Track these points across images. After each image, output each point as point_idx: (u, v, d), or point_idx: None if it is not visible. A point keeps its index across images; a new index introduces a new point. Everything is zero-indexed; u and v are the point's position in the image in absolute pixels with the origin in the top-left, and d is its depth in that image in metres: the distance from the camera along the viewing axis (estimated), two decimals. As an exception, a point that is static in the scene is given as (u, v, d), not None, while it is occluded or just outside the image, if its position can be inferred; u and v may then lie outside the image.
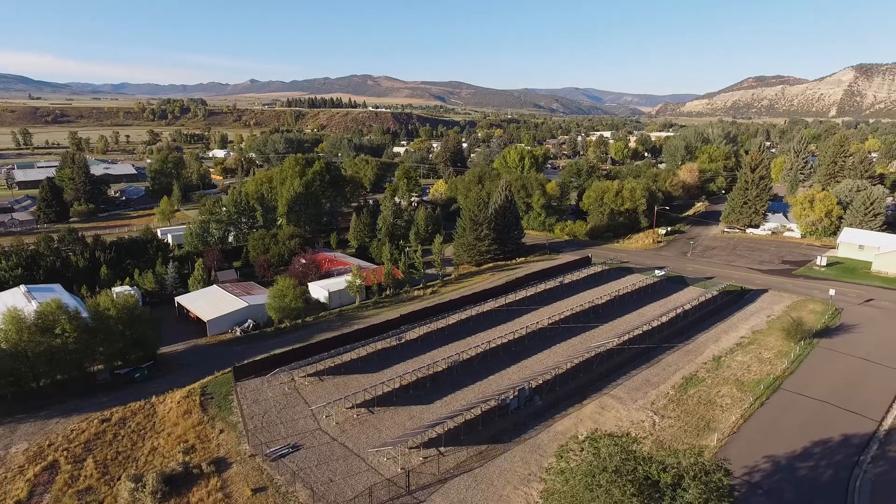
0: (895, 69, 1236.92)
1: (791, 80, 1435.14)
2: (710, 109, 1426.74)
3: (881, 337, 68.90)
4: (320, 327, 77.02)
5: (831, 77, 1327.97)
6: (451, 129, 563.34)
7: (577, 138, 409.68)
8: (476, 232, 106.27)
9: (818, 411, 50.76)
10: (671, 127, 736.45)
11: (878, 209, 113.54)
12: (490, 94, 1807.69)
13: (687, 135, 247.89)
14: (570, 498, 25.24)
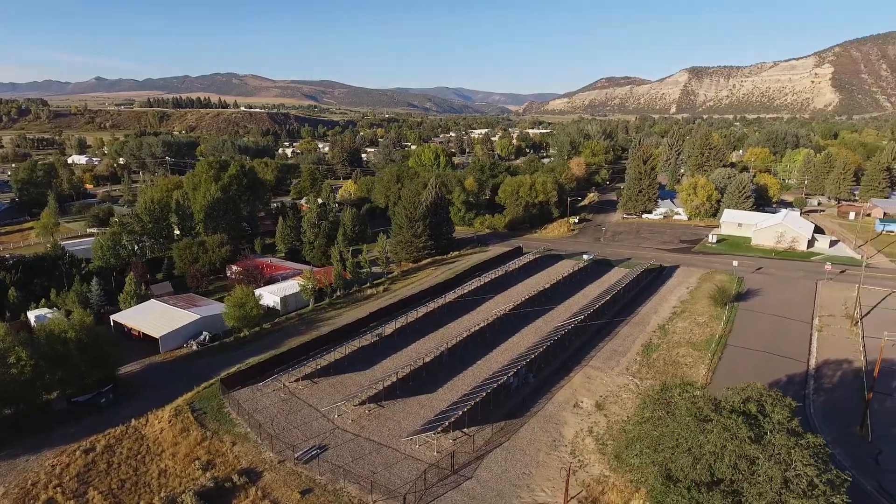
0: (719, 72, 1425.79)
1: (637, 81, 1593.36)
2: (570, 107, 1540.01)
3: (780, 297, 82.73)
4: (286, 332, 75.37)
5: (670, 78, 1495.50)
6: (333, 129, 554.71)
7: (463, 137, 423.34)
8: (413, 229, 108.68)
9: (762, 359, 60.82)
10: (540, 124, 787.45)
11: (748, 192, 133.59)
12: (364, 94, 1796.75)
13: (571, 131, 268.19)
14: (675, 436, 29.58)
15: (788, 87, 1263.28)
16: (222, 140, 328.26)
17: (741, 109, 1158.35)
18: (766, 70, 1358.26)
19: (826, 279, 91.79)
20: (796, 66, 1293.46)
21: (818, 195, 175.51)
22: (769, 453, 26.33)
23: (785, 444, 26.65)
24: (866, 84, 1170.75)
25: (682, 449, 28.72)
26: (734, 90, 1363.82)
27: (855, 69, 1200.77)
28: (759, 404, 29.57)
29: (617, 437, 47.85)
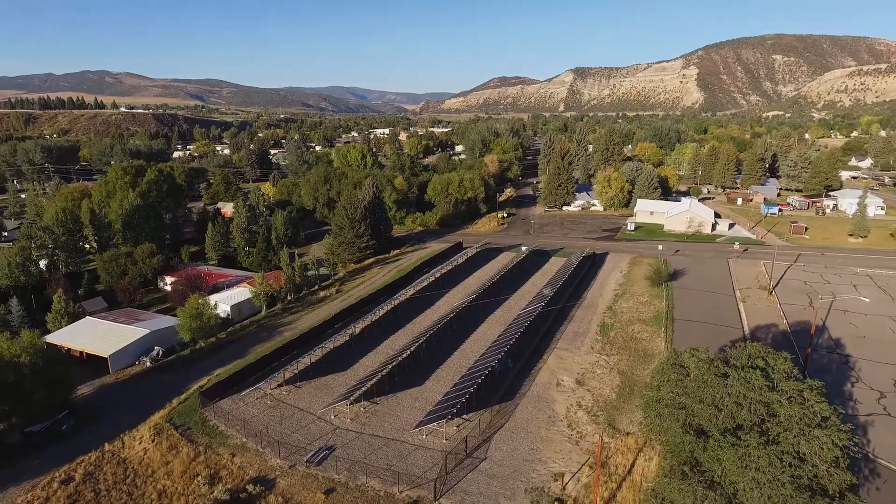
0: (601, 73, 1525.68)
1: (528, 81, 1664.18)
2: (465, 106, 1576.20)
3: (702, 275, 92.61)
4: (248, 341, 72.91)
5: (557, 78, 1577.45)
6: (228, 131, 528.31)
7: (370, 136, 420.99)
8: (354, 229, 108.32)
9: (707, 329, 68.47)
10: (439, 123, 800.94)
11: (655, 184, 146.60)
12: (255, 93, 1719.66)
13: (481, 129, 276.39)
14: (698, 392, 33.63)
15: (661, 87, 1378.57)
16: (108, 144, 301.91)
17: (621, 107, 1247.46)
18: (641, 71, 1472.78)
19: (735, 257, 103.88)
20: (667, 67, 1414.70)
21: (706, 184, 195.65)
22: (786, 396, 31.24)
23: (797, 387, 31.71)
24: (725, 84, 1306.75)
25: (707, 402, 33.02)
26: (615, 89, 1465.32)
27: (715, 71, 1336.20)
28: (763, 360, 34.64)
29: (605, 408, 52.34)
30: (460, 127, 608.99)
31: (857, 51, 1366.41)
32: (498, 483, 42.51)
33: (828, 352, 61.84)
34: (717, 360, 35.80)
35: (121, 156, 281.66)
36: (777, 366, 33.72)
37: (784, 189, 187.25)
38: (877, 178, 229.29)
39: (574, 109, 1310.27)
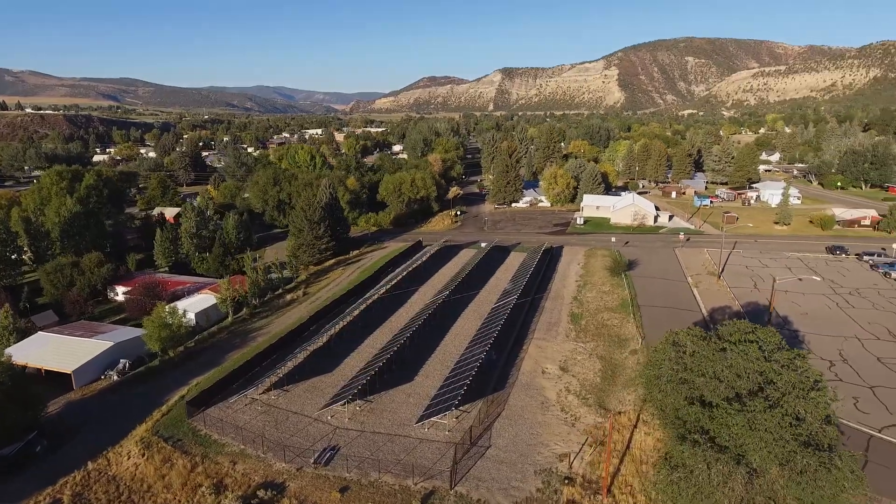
0: (528, 73, 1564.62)
1: (457, 81, 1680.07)
2: (396, 106, 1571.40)
3: (654, 263, 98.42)
4: (221, 348, 70.93)
5: (486, 78, 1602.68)
6: (150, 132, 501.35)
7: (306, 136, 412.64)
8: (314, 231, 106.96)
9: (670, 313, 73.23)
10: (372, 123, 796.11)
11: (599, 179, 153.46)
12: (174, 93, 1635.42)
13: (422, 129, 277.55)
14: (698, 366, 36.63)
15: (585, 87, 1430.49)
16: (20, 148, 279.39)
17: (548, 106, 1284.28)
18: (565, 71, 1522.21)
19: (680, 246, 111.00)
20: (589, 68, 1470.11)
21: (640, 179, 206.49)
22: (779, 365, 34.79)
23: (788, 357, 35.37)
24: (644, 84, 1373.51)
25: (709, 375, 36.12)
26: (541, 89, 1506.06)
27: (634, 71, 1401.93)
28: (754, 334, 38.22)
29: (593, 391, 55.25)
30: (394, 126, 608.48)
31: (760, 53, 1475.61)
32: (507, 468, 44.18)
33: (778, 328, 67.79)
34: (712, 337, 39.17)
35: (35, 160, 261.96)
36: (767, 339, 37.40)
37: (710, 182, 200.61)
38: (786, 171, 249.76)
39: (503, 109, 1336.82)
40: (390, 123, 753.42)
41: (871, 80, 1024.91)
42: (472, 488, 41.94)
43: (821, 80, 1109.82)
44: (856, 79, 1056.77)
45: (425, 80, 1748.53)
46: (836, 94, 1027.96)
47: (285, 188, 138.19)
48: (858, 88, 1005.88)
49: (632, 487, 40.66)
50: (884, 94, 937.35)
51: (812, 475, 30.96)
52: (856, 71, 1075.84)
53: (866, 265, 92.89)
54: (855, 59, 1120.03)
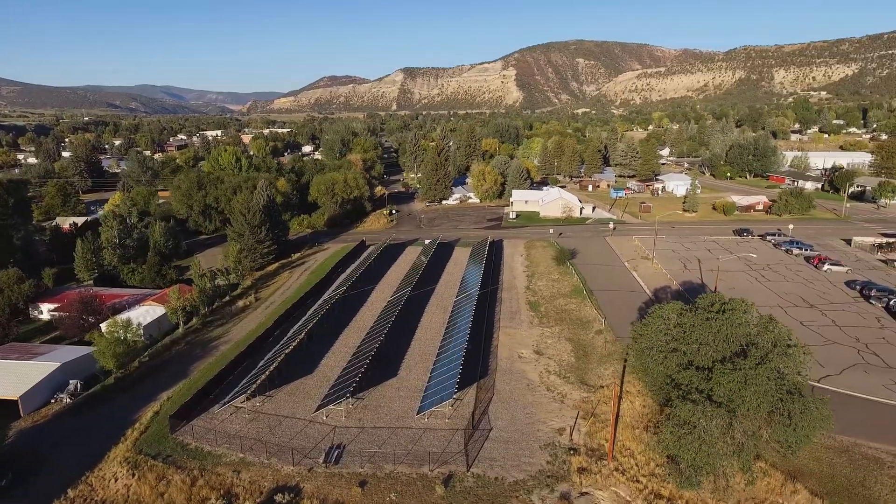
0: (429, 73, 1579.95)
1: (358, 80, 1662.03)
2: (297, 106, 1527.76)
3: (591, 251, 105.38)
4: (183, 360, 67.53)
5: (388, 78, 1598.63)
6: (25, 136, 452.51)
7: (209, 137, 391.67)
8: (255, 235, 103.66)
9: (620, 295, 79.40)
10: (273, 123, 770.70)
11: (524, 175, 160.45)
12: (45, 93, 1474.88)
13: (339, 129, 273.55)
14: (686, 336, 41.06)
15: (485, 87, 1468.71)
16: None
17: (451, 106, 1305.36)
18: (465, 72, 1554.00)
19: (608, 235, 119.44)
20: (488, 68, 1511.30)
21: (555, 174, 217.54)
22: (759, 329, 40.10)
23: (762, 321, 40.74)
24: (540, 84, 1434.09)
25: (700, 342, 40.78)
26: (443, 89, 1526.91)
27: (530, 72, 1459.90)
28: (728, 304, 43.41)
29: (572, 370, 59.22)
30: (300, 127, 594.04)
31: (642, 56, 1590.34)
32: (514, 446, 46.75)
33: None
34: (694, 309, 44.09)
35: None
36: (737, 307, 42.77)
37: (619, 176, 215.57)
38: (678, 164, 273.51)
39: (407, 108, 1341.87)
40: (294, 124, 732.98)
41: (737, 81, 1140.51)
42: (486, 468, 44.07)
43: (695, 80, 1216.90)
44: (724, 80, 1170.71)
45: (326, 80, 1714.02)
46: (708, 93, 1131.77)
47: (211, 192, 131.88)
48: (727, 88, 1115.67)
49: (631, 450, 44.74)
50: (748, 94, 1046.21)
51: (795, 419, 36.31)
52: (724, 73, 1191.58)
53: (770, 244, 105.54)
54: (723, 62, 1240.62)
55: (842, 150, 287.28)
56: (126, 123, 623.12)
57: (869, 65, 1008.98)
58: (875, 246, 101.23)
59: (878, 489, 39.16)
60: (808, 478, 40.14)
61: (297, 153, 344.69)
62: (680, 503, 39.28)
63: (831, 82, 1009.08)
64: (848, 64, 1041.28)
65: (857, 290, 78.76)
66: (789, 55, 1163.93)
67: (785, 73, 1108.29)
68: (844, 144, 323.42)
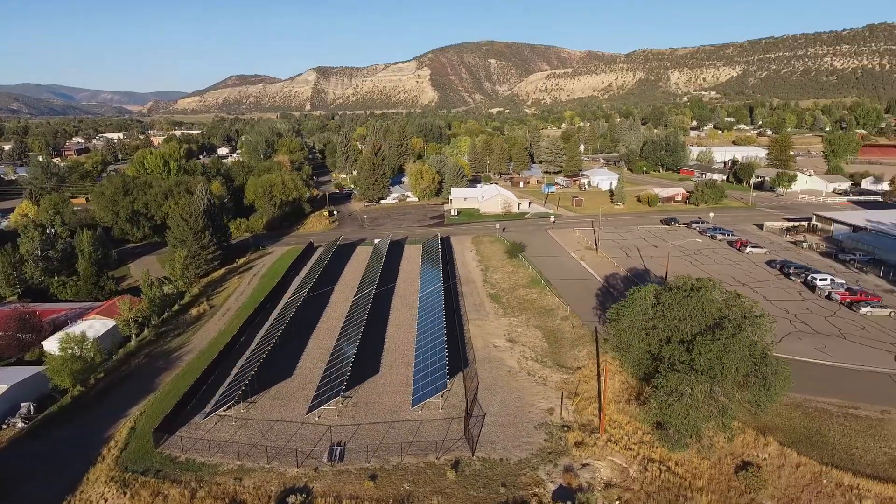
0: (343, 72, 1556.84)
1: (269, 79, 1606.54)
2: (203, 106, 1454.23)
3: (537, 244, 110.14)
4: (144, 374, 64.29)
5: (300, 77, 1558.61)
6: None
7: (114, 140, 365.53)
8: (199, 241, 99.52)
9: (575, 283, 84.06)
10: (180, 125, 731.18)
11: (462, 173, 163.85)
12: None
13: (262, 130, 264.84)
14: (668, 313, 45.05)
15: (400, 87, 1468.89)
16: None
17: (367, 105, 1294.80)
18: (380, 71, 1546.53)
19: (549, 228, 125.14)
20: (403, 68, 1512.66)
21: (486, 172, 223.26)
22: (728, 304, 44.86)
23: (731, 296, 45.56)
24: (454, 84, 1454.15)
25: (676, 318, 44.98)
26: (358, 89, 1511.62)
27: (445, 72, 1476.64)
28: (699, 283, 48.02)
29: (547, 355, 62.49)
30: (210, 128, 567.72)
31: (549, 57, 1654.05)
32: (510, 429, 49.06)
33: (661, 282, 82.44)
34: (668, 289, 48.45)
35: None
36: (707, 286, 47.58)
37: (545, 172, 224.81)
38: (594, 160, 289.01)
39: (321, 108, 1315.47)
40: (203, 125, 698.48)
41: (638, 82, 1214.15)
42: (489, 451, 46.07)
43: (600, 81, 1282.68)
44: (626, 80, 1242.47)
45: (234, 79, 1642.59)
46: (613, 93, 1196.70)
47: (140, 198, 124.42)
48: (629, 88, 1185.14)
49: (618, 422, 48.41)
50: (648, 94, 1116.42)
51: (769, 381, 41.28)
52: (626, 74, 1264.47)
53: (695, 231, 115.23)
54: (624, 64, 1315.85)
55: (734, 144, 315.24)
56: (11, 126, 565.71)
57: (750, 67, 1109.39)
58: (784, 229, 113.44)
59: (831, 435, 45.18)
60: (775, 431, 45.54)
61: (214, 156, 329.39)
62: (670, 464, 43.30)
63: (719, 83, 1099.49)
64: (733, 66, 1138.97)
65: (777, 269, 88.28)
66: (682, 58, 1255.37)
67: (679, 75, 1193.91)
68: (737, 140, 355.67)
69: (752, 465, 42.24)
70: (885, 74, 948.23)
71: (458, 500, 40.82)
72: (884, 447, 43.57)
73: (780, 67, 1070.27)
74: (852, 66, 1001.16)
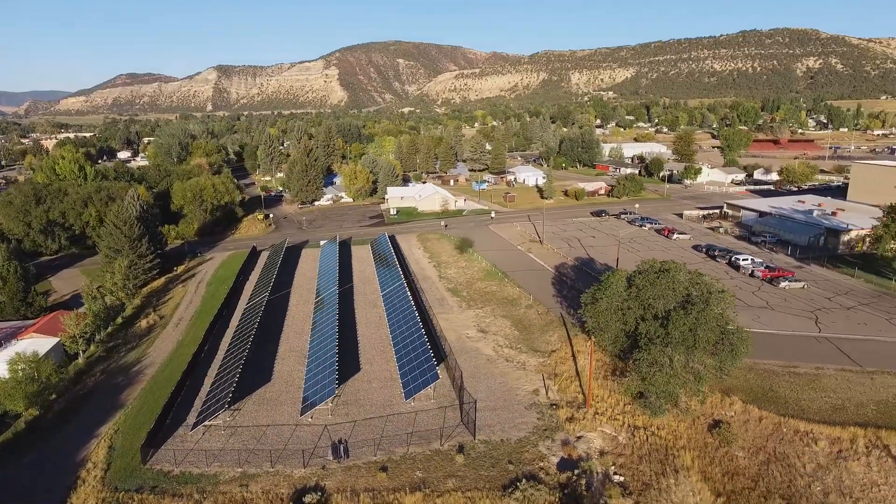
0: (246, 71, 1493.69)
1: (164, 78, 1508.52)
2: (91, 107, 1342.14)
3: (483, 239, 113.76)
4: (106, 390, 60.72)
5: (199, 76, 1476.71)
6: None
7: None
8: (136, 249, 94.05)
9: (531, 273, 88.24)
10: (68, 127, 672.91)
11: (396, 173, 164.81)
12: None
13: (174, 132, 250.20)
14: (643, 293, 49.50)
15: (308, 86, 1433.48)
16: None
17: (274, 106, 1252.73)
18: (286, 70, 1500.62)
19: (489, 224, 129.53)
20: (310, 67, 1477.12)
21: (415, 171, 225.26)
22: (696, 282, 50.15)
23: (695, 277, 50.91)
24: (363, 84, 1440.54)
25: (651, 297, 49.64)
26: (263, 88, 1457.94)
27: (353, 72, 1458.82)
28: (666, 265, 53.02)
29: (520, 341, 65.82)
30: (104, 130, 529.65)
31: (456, 58, 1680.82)
32: (503, 412, 51.72)
33: (607, 269, 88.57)
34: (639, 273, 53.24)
35: None
36: (672, 267, 52.82)
37: (471, 170, 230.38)
38: (512, 158, 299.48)
39: (224, 109, 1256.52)
40: (93, 127, 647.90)
41: (542, 82, 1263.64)
42: (489, 434, 48.46)
43: (506, 81, 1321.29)
44: (531, 81, 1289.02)
45: (124, 78, 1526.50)
46: (519, 93, 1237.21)
47: (55, 206, 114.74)
48: (534, 88, 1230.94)
49: (601, 397, 52.52)
50: (551, 93, 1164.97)
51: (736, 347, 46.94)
52: (530, 74, 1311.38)
53: (624, 221, 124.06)
54: (528, 65, 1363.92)
55: (636, 141, 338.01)
56: None
57: (643, 69, 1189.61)
58: (701, 217, 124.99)
59: (781, 391, 51.82)
60: (737, 392, 51.50)
61: (115, 160, 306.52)
62: (653, 429, 47.88)
63: (616, 83, 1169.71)
64: (627, 68, 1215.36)
65: (703, 252, 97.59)
66: (581, 59, 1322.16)
67: (580, 76, 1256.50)
68: (637, 137, 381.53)
69: (722, 422, 47.72)
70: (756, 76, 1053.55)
71: (471, 481, 42.88)
72: (824, 397, 50.70)
73: (668, 69, 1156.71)
74: (729, 69, 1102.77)
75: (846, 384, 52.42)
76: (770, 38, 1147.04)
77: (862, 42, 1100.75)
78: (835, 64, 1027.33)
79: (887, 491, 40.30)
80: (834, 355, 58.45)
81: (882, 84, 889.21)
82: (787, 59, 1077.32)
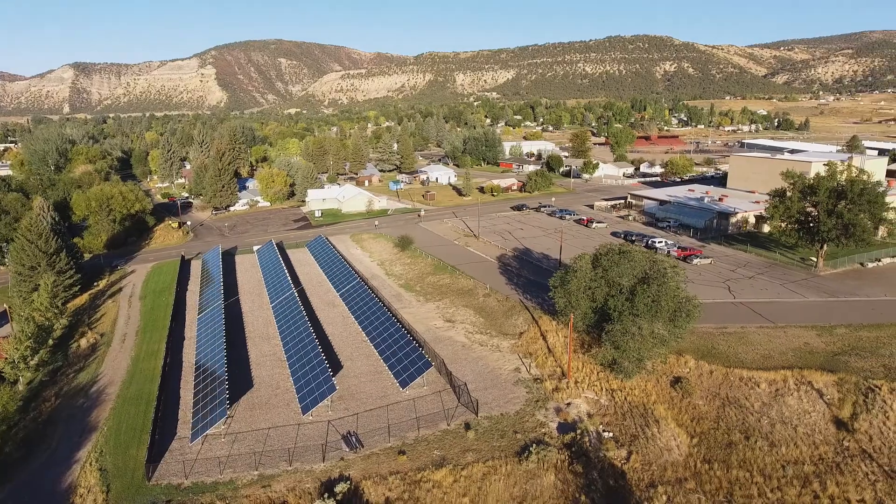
0: (109, 69, 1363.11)
1: (9, 76, 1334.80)
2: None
3: (419, 237, 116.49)
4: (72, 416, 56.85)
5: (52, 74, 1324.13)
6: None
7: None
8: (54, 264, 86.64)
9: (478, 265, 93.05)
10: None
11: (314, 175, 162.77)
12: None
13: (49, 136, 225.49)
14: (609, 272, 56.00)
15: (181, 86, 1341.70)
16: None
17: (144, 107, 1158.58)
18: (155, 69, 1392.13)
19: (418, 221, 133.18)
20: (183, 66, 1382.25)
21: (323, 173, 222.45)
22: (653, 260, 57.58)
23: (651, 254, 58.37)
24: (244, 84, 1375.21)
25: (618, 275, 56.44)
26: (129, 88, 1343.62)
27: (232, 71, 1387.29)
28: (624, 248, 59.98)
29: (488, 327, 70.45)
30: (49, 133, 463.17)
31: (341, 58, 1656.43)
32: (494, 390, 56.03)
33: (545, 257, 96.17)
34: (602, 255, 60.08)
35: None
36: (630, 250, 60.17)
37: (381, 171, 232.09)
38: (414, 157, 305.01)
39: (85, 110, 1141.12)
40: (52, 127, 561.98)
41: (428, 83, 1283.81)
42: (488, 410, 52.56)
43: (393, 82, 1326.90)
44: (417, 81, 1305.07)
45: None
46: (406, 93, 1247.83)
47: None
48: (421, 89, 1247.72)
49: (576, 367, 58.62)
50: (438, 94, 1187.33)
51: (692, 315, 55.03)
52: (416, 75, 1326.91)
53: (545, 214, 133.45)
54: (414, 66, 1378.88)
55: (525, 139, 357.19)
56: None
57: (522, 71, 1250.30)
58: (610, 207, 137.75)
59: (721, 348, 61.00)
60: (687, 352, 59.85)
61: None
62: (627, 390, 54.70)
63: (499, 84, 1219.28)
64: (508, 70, 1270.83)
65: (622, 238, 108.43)
66: (465, 61, 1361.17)
67: (464, 77, 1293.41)
68: (527, 135, 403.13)
69: (681, 378, 55.64)
70: (622, 78, 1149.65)
71: (486, 452, 46.78)
72: (753, 349, 60.51)
73: (545, 71, 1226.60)
74: (599, 72, 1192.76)
75: (767, 338, 62.87)
76: (632, 44, 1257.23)
77: (708, 48, 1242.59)
78: (687, 68, 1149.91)
79: (817, 417, 50.00)
80: (751, 316, 69.39)
81: (725, 86, 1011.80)
82: (648, 63, 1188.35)
